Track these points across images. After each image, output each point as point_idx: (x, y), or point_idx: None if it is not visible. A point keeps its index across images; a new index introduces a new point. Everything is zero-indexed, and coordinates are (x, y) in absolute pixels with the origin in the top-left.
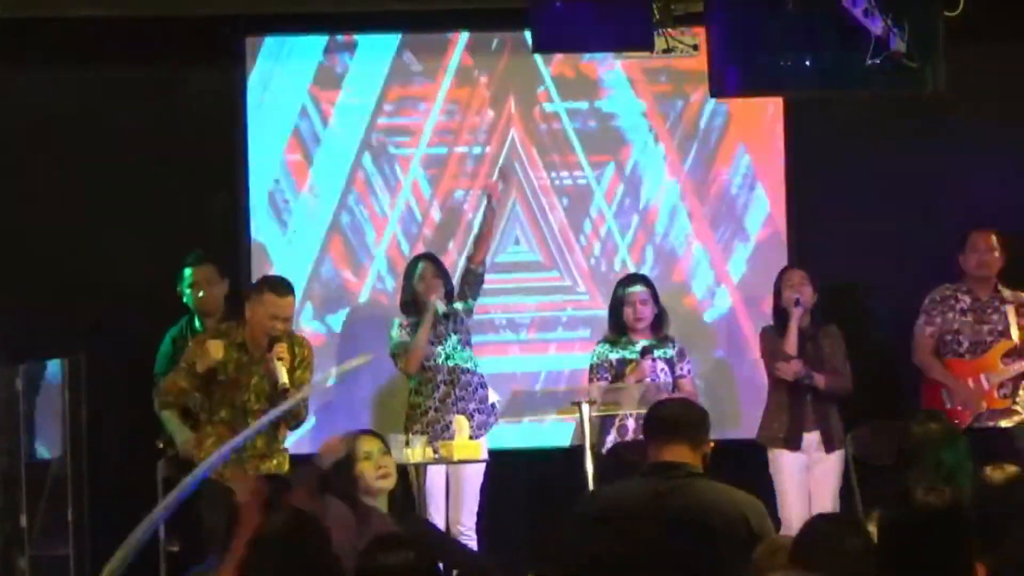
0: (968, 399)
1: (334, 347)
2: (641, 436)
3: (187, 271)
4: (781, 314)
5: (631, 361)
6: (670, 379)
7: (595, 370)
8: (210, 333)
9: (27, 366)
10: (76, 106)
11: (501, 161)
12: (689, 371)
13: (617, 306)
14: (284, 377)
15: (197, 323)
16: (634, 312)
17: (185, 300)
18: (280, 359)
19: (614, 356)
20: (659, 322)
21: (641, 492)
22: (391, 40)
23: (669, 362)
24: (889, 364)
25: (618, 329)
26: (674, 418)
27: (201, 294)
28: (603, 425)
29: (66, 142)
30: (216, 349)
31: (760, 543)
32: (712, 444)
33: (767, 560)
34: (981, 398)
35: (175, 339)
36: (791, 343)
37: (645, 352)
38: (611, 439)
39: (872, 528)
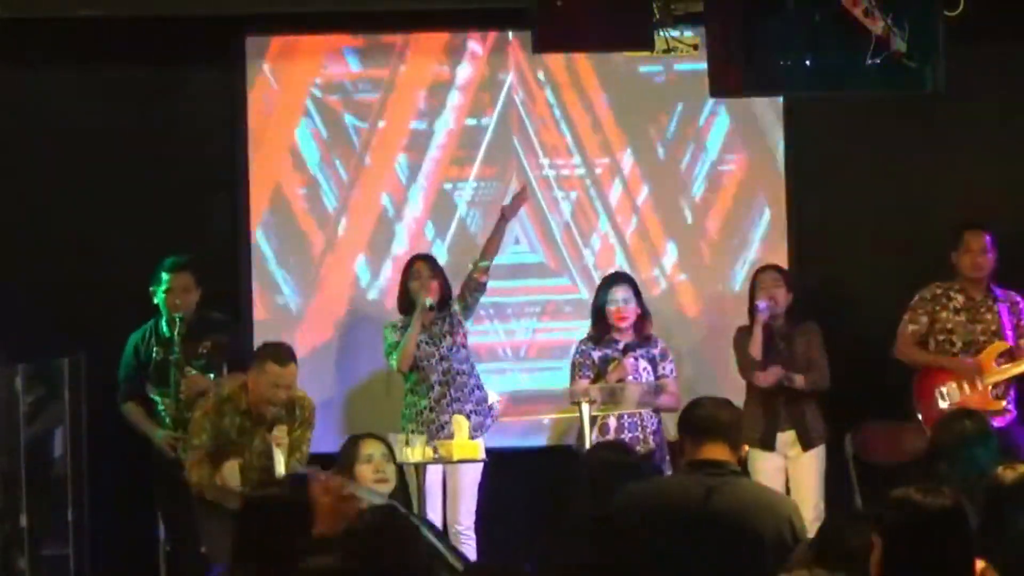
0: (966, 372)
1: (335, 348)
2: (622, 436)
3: (164, 276)
4: (753, 314)
5: (613, 360)
6: (652, 379)
7: (577, 368)
8: (212, 403)
9: (27, 366)
10: (76, 106)
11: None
12: (672, 371)
13: (600, 304)
14: (282, 467)
15: (164, 326)
16: (617, 311)
17: (156, 300)
18: (279, 445)
19: (596, 354)
20: (642, 321)
21: (690, 487)
22: (392, 39)
23: (652, 362)
24: (888, 363)
25: (601, 327)
26: (713, 417)
27: (177, 301)
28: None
29: (66, 142)
30: (233, 476)
31: (800, 544)
32: (746, 448)
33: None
34: (980, 372)
35: (137, 345)
36: (756, 346)
37: (627, 351)
38: (594, 438)
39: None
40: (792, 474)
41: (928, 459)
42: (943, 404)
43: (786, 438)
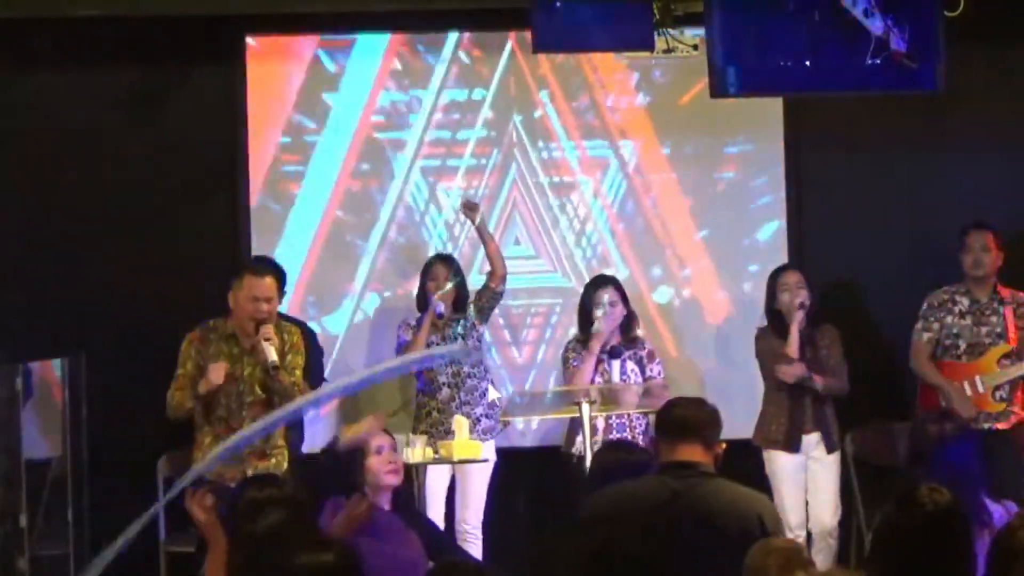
0: (962, 404)
1: (336, 349)
2: (610, 436)
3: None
4: (776, 316)
5: (600, 363)
6: (640, 380)
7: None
8: (198, 332)
9: (27, 366)
10: (76, 107)
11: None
12: (659, 373)
13: (586, 308)
14: (273, 355)
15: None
16: (604, 314)
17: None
18: (267, 339)
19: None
20: (628, 324)
21: (657, 490)
22: (392, 39)
23: (639, 363)
24: (888, 364)
25: (588, 331)
26: (688, 418)
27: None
28: (572, 426)
29: (66, 142)
30: (217, 374)
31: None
32: (723, 445)
33: (761, 560)
34: (975, 403)
35: None
36: (793, 347)
37: (613, 353)
38: (580, 439)
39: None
40: (812, 476)
41: (907, 462)
42: (944, 407)
43: (811, 440)
